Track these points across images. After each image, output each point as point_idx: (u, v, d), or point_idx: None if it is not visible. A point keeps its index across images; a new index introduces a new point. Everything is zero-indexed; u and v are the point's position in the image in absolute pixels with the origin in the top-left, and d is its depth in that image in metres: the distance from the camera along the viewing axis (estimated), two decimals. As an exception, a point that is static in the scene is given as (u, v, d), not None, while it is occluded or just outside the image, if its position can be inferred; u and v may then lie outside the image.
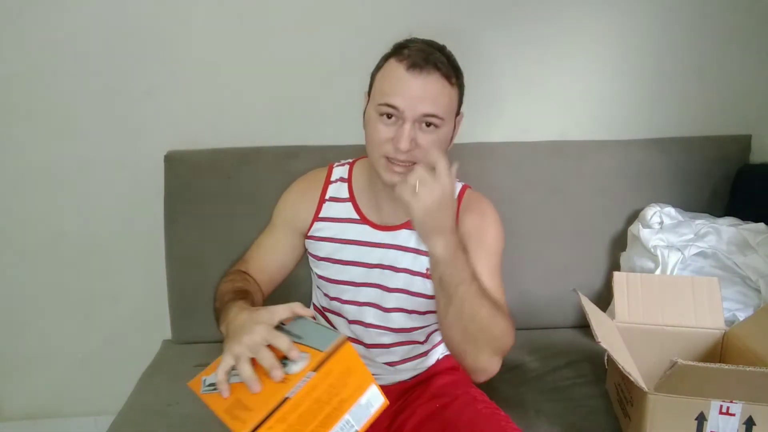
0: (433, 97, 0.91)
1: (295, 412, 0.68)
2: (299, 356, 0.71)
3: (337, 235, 1.07)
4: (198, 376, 0.77)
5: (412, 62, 0.90)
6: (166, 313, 1.39)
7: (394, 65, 0.93)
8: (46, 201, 1.48)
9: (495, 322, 0.88)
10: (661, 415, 0.91)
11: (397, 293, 1.06)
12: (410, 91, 0.90)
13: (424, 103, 0.90)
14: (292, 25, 1.40)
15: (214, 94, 1.43)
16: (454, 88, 0.95)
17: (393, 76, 0.92)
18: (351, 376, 0.73)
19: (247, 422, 0.64)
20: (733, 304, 1.22)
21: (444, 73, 0.92)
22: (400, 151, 0.91)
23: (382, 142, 0.93)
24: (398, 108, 0.90)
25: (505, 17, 1.42)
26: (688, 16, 1.45)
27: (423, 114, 0.90)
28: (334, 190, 1.09)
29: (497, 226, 1.05)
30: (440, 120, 0.92)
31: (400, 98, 0.90)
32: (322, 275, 1.10)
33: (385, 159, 0.94)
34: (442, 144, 0.95)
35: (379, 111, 0.93)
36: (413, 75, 0.90)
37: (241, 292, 0.94)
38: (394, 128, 0.92)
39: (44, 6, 1.34)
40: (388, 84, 0.93)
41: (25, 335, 1.59)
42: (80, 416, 1.66)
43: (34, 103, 1.41)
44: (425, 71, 0.90)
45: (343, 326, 1.11)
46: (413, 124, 0.91)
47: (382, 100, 0.92)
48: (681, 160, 1.44)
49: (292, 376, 0.70)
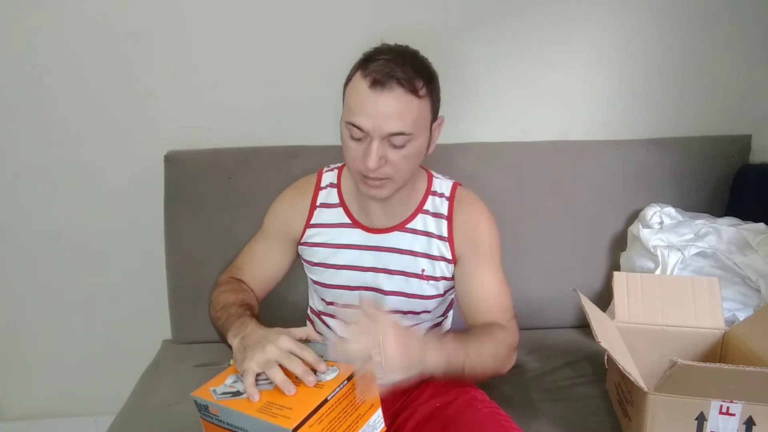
0: (399, 115, 0.89)
1: (329, 416, 0.73)
2: (326, 368, 0.77)
3: (330, 240, 1.07)
4: (204, 386, 0.79)
5: (373, 80, 0.88)
6: (166, 313, 1.39)
7: (358, 80, 0.91)
8: (46, 201, 1.48)
9: (500, 353, 0.94)
10: (661, 415, 0.91)
11: (392, 296, 1.06)
12: (374, 110, 0.89)
13: (388, 122, 0.89)
14: (292, 25, 1.40)
15: (214, 94, 1.43)
16: (423, 99, 0.92)
17: (357, 93, 0.91)
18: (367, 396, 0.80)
19: (292, 418, 0.69)
20: (733, 304, 1.22)
21: (408, 88, 0.89)
22: (370, 170, 0.91)
23: (354, 159, 0.93)
24: (363, 128, 0.90)
25: (505, 17, 1.42)
26: (688, 16, 1.45)
27: (389, 133, 0.89)
28: (324, 196, 1.09)
29: (490, 225, 1.06)
30: (408, 136, 0.91)
31: (365, 118, 0.89)
32: (317, 280, 1.10)
33: (360, 174, 0.95)
34: (414, 157, 0.95)
35: (347, 129, 0.93)
36: (376, 93, 0.88)
37: (247, 306, 0.96)
38: (363, 146, 0.92)
39: (44, 6, 1.34)
40: (354, 102, 0.91)
41: (25, 335, 1.59)
42: (80, 416, 1.66)
43: (34, 103, 1.41)
44: (387, 88, 0.88)
45: (341, 329, 1.11)
46: (381, 141, 0.90)
47: (348, 118, 0.92)
48: (681, 160, 1.44)
49: (327, 383, 0.75)
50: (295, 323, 1.23)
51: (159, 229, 1.37)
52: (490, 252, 1.04)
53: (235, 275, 1.09)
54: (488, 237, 1.04)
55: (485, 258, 1.03)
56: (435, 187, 1.07)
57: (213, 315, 0.99)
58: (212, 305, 1.01)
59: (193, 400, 0.78)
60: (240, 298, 0.99)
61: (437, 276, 1.05)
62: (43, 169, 1.45)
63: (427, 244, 1.05)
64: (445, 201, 1.06)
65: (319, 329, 1.16)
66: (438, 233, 1.05)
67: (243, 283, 1.07)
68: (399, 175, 0.95)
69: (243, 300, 0.98)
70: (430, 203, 1.06)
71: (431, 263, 1.05)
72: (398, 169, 0.93)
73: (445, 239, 1.04)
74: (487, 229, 1.05)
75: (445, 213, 1.05)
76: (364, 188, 0.96)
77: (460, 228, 1.04)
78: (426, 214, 1.06)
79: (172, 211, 1.36)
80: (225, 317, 0.94)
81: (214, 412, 0.76)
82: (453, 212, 1.05)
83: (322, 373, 0.77)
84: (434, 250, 1.05)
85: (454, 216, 1.05)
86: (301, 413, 0.70)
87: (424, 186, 1.07)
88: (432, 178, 1.08)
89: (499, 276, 1.04)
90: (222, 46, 1.40)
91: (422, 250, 1.05)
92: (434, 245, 1.05)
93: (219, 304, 0.99)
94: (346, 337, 0.80)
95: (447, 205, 1.06)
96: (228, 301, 0.98)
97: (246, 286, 1.07)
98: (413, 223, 1.05)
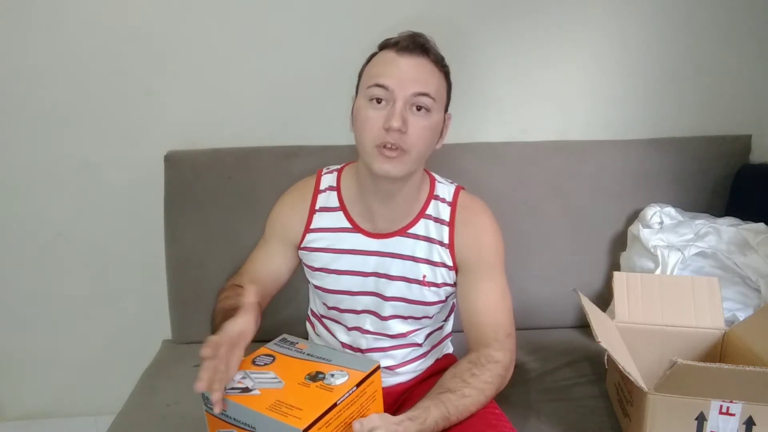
0: (424, 78, 0.92)
1: (337, 420, 0.74)
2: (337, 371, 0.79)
3: (331, 245, 1.05)
4: None
5: (402, 45, 0.92)
6: (166, 313, 1.39)
7: (383, 54, 0.95)
8: (46, 201, 1.48)
9: (487, 394, 0.94)
10: (661, 415, 0.91)
11: (394, 301, 1.05)
12: (400, 71, 0.91)
13: (414, 83, 0.90)
14: (292, 25, 1.40)
15: (214, 94, 1.43)
16: (442, 75, 0.96)
17: (383, 60, 0.94)
18: (373, 402, 0.82)
19: (303, 419, 0.70)
20: (733, 304, 1.22)
21: (433, 58, 0.94)
22: (393, 129, 0.89)
23: (373, 129, 0.91)
24: (388, 87, 0.90)
25: (505, 17, 1.42)
26: (688, 16, 1.45)
27: (414, 93, 0.90)
28: (323, 200, 1.07)
29: (494, 235, 1.04)
30: (431, 101, 0.92)
31: (390, 78, 0.91)
32: (318, 285, 1.08)
33: (376, 148, 0.92)
34: (432, 132, 0.95)
35: (368, 95, 0.92)
36: (403, 56, 0.92)
37: (233, 311, 0.93)
38: (384, 112, 0.91)
39: (45, 6, 1.34)
40: (378, 68, 0.93)
41: (25, 335, 1.59)
42: (80, 416, 1.66)
43: (35, 103, 1.41)
44: (415, 53, 0.92)
45: (342, 333, 1.10)
46: (405, 105, 0.90)
47: (371, 81, 0.92)
48: (681, 160, 1.44)
49: (337, 387, 0.76)
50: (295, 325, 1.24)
51: (159, 229, 1.37)
52: (492, 264, 1.02)
53: (236, 281, 1.07)
54: (491, 249, 1.03)
55: (486, 271, 1.02)
56: (438, 191, 1.06)
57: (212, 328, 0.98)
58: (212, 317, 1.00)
59: (202, 394, 0.77)
60: (230, 304, 0.97)
61: (438, 282, 1.04)
62: (43, 169, 1.45)
63: (428, 249, 1.03)
64: (447, 206, 1.04)
65: (319, 332, 1.15)
66: (439, 239, 1.03)
67: (240, 288, 1.06)
68: (415, 149, 0.92)
69: (232, 305, 0.96)
70: (432, 208, 1.04)
71: (432, 269, 1.04)
72: (416, 140, 0.91)
73: (445, 246, 1.03)
74: (491, 241, 1.03)
75: (446, 219, 1.03)
76: (379, 162, 0.91)
77: (462, 238, 1.03)
78: (428, 219, 1.04)
79: (172, 211, 1.36)
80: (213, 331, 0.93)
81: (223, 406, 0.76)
82: (455, 219, 1.03)
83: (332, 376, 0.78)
84: (435, 256, 1.03)
85: (456, 224, 1.03)
86: (312, 415, 0.70)
87: (426, 189, 1.06)
88: (435, 182, 1.07)
89: (500, 290, 1.02)
90: (222, 46, 1.40)
91: (423, 255, 1.03)
92: (435, 251, 1.03)
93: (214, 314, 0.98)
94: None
95: (449, 211, 1.04)
96: (218, 311, 0.97)
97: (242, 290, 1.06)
98: (415, 228, 1.04)
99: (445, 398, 0.89)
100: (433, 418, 0.86)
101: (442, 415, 0.87)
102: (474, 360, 0.96)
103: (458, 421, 0.90)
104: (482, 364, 0.95)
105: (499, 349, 0.97)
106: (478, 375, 0.93)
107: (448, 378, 0.94)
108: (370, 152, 0.93)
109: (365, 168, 0.97)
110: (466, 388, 0.91)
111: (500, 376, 0.96)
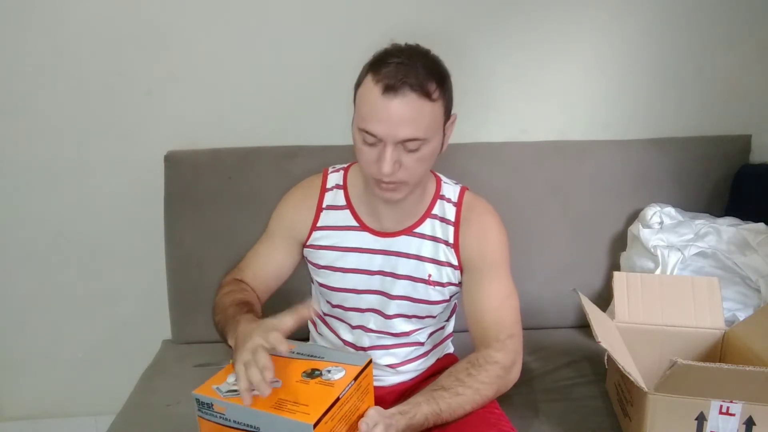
0: (412, 120, 0.88)
1: (339, 414, 0.74)
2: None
3: (338, 243, 1.06)
4: (205, 384, 0.79)
5: (385, 86, 0.86)
6: (166, 313, 1.39)
7: (370, 86, 0.89)
8: (46, 201, 1.48)
9: (484, 395, 0.93)
10: (661, 415, 0.91)
11: (399, 300, 1.05)
12: (387, 116, 0.87)
13: (402, 128, 0.88)
14: (291, 25, 1.40)
15: (214, 94, 1.43)
16: (436, 102, 0.90)
17: (369, 99, 0.89)
18: (366, 396, 0.82)
19: (312, 414, 0.70)
20: (733, 304, 1.22)
21: (421, 93, 0.87)
22: (384, 175, 0.90)
23: (368, 163, 0.93)
24: (376, 135, 0.89)
25: (505, 17, 1.42)
26: (688, 16, 1.45)
27: (403, 139, 0.89)
28: (330, 198, 1.08)
29: (499, 236, 1.04)
30: (422, 141, 0.90)
31: (378, 125, 0.88)
32: (323, 283, 1.08)
33: (373, 179, 0.94)
34: (428, 159, 0.94)
35: (360, 135, 0.92)
36: (388, 99, 0.87)
37: (244, 305, 0.95)
38: (377, 150, 0.91)
39: (44, 6, 1.34)
40: (366, 108, 0.90)
41: (25, 335, 1.59)
42: (80, 416, 1.66)
43: (35, 103, 1.41)
44: (400, 94, 0.86)
45: (346, 332, 1.10)
46: (395, 146, 0.89)
47: (361, 125, 0.91)
48: (681, 160, 1.44)
49: (336, 382, 0.77)
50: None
51: (159, 229, 1.37)
52: (497, 264, 1.02)
53: (237, 276, 1.08)
54: (495, 249, 1.03)
55: (491, 271, 1.02)
56: (443, 191, 1.06)
57: (215, 319, 0.99)
58: (214, 310, 1.00)
59: (195, 398, 0.77)
60: (238, 297, 0.98)
61: (443, 282, 1.04)
62: (43, 169, 1.45)
63: (434, 249, 1.04)
64: (453, 207, 1.05)
65: (321, 331, 1.16)
66: (445, 239, 1.04)
67: (243, 283, 1.06)
68: (413, 179, 0.94)
69: (241, 299, 0.97)
70: (438, 208, 1.05)
71: (438, 269, 1.04)
72: (412, 173, 0.93)
73: (451, 246, 1.03)
74: (496, 241, 1.03)
75: (452, 219, 1.04)
76: (379, 192, 0.95)
77: (467, 238, 1.03)
78: (434, 219, 1.05)
79: (172, 211, 1.36)
80: (224, 320, 0.93)
81: (220, 410, 0.76)
82: (460, 220, 1.04)
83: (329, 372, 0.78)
84: (441, 255, 1.04)
85: (461, 224, 1.03)
86: (320, 409, 0.71)
87: (433, 190, 1.06)
88: (441, 182, 1.07)
89: (505, 290, 1.02)
90: (222, 46, 1.40)
91: (429, 255, 1.04)
92: (441, 250, 1.04)
93: (219, 308, 0.98)
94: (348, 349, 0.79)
95: (454, 211, 1.04)
96: (226, 303, 0.97)
97: (247, 286, 1.06)
98: (421, 227, 1.04)
99: (438, 395, 0.90)
100: (423, 413, 0.86)
101: (433, 411, 0.87)
102: (472, 360, 0.96)
103: (451, 419, 0.90)
104: (480, 365, 0.95)
105: (499, 350, 0.96)
106: (475, 375, 0.93)
107: (444, 376, 0.95)
108: (368, 179, 0.96)
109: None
110: (460, 386, 0.91)
111: (499, 377, 0.95)
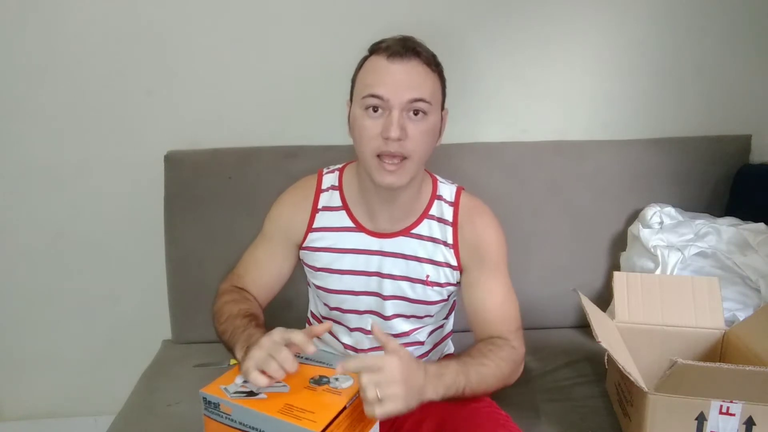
0: (418, 83, 0.91)
1: (344, 423, 0.74)
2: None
3: (334, 244, 1.05)
4: (213, 384, 0.80)
5: (392, 51, 0.91)
6: (166, 313, 1.39)
7: (373, 59, 0.93)
8: (46, 201, 1.48)
9: (503, 372, 0.94)
10: (661, 415, 0.91)
11: (396, 300, 1.05)
12: (393, 78, 0.90)
13: (409, 89, 0.90)
14: (291, 25, 1.40)
15: (214, 94, 1.43)
16: (435, 75, 0.95)
17: (374, 68, 0.92)
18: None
19: (318, 422, 0.70)
20: (733, 304, 1.22)
21: (425, 59, 0.92)
22: (391, 139, 0.89)
23: (371, 138, 0.91)
24: (383, 97, 0.89)
25: (505, 16, 1.42)
26: (688, 16, 1.45)
27: (409, 100, 0.90)
28: (326, 199, 1.07)
29: (497, 234, 1.04)
30: (428, 105, 0.91)
31: (384, 87, 0.90)
32: (320, 285, 1.08)
33: (376, 159, 0.92)
34: (431, 134, 0.95)
35: (364, 105, 0.92)
36: (394, 62, 0.90)
37: (252, 317, 0.95)
38: (381, 120, 0.91)
39: (45, 6, 1.34)
40: (371, 76, 0.92)
41: (25, 335, 1.59)
42: (80, 416, 1.66)
43: (35, 103, 1.41)
44: (406, 58, 0.90)
45: (344, 335, 1.10)
46: (401, 112, 0.90)
47: (365, 92, 0.91)
48: (681, 160, 1.44)
49: (344, 390, 0.77)
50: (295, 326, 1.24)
51: (159, 229, 1.37)
52: (496, 262, 1.03)
53: (237, 283, 1.07)
54: (495, 248, 1.03)
55: (491, 269, 1.02)
56: (440, 192, 1.06)
57: (218, 328, 0.98)
58: (216, 317, 1.00)
59: (202, 396, 0.77)
60: (244, 308, 0.98)
61: (442, 282, 1.04)
62: (43, 169, 1.45)
63: (432, 249, 1.04)
64: (450, 207, 1.05)
65: None
66: (443, 239, 1.03)
67: (245, 292, 1.05)
68: (416, 154, 0.93)
69: (247, 310, 0.97)
70: (435, 208, 1.05)
71: (436, 269, 1.04)
72: (416, 146, 0.92)
73: (450, 246, 1.03)
74: (494, 240, 1.04)
75: (450, 219, 1.04)
76: (380, 175, 0.93)
77: (466, 238, 1.03)
78: (432, 219, 1.04)
79: (172, 211, 1.36)
80: (231, 330, 0.93)
81: (226, 410, 0.76)
82: (458, 220, 1.04)
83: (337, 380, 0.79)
84: (439, 256, 1.04)
85: (460, 224, 1.04)
86: (326, 418, 0.71)
87: (429, 190, 1.06)
88: (437, 182, 1.07)
89: (506, 286, 1.03)
90: (222, 46, 1.40)
91: (427, 255, 1.04)
92: (439, 251, 1.04)
93: (223, 315, 0.98)
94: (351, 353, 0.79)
95: (452, 212, 1.04)
96: (232, 313, 0.97)
97: (249, 294, 1.05)
98: (419, 228, 1.04)
99: (465, 361, 0.91)
100: (453, 373, 0.87)
101: (462, 371, 0.88)
102: (488, 341, 0.97)
103: (475, 390, 0.90)
104: (498, 345, 0.96)
105: (513, 339, 0.99)
106: (495, 351, 0.95)
107: (463, 353, 0.96)
108: (370, 163, 0.94)
109: (366, 173, 0.97)
110: (484, 358, 0.93)
111: (514, 361, 0.97)
